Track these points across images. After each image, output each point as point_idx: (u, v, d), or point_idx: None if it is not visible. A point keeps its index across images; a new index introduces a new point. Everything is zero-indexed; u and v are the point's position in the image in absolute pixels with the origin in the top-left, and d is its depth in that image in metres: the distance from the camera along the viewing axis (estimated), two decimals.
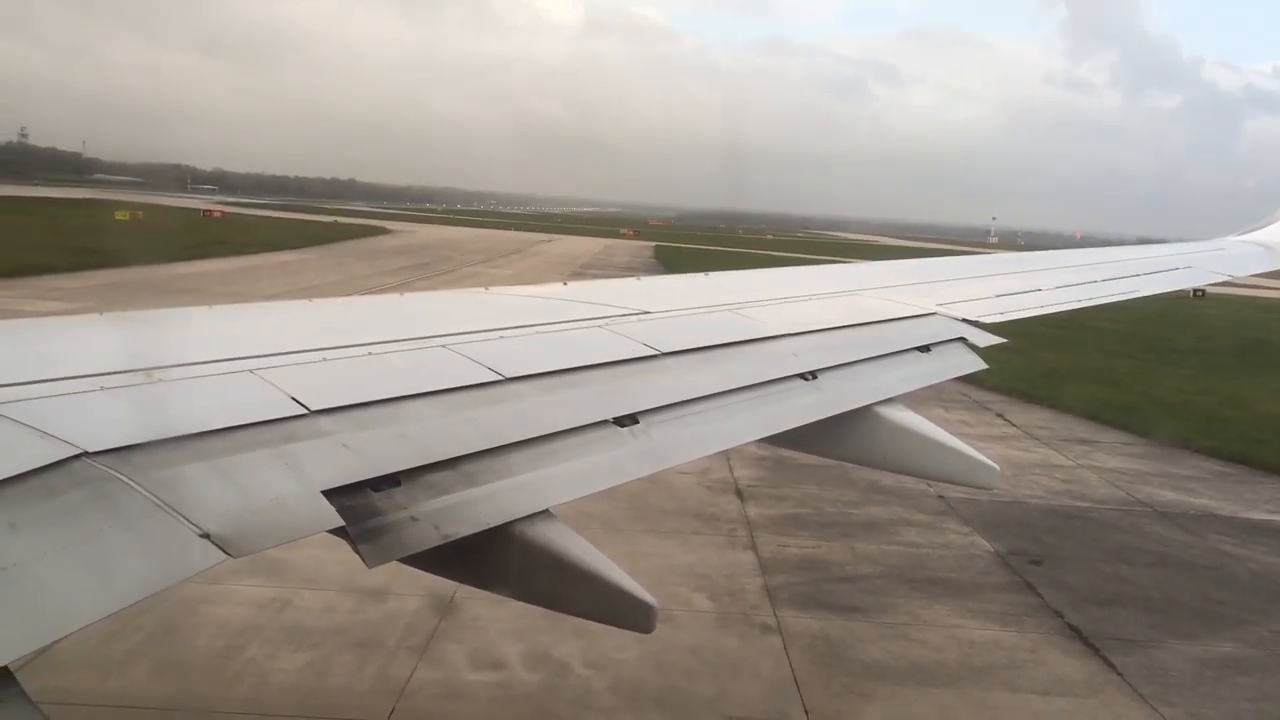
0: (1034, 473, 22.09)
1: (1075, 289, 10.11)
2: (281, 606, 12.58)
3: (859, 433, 6.02)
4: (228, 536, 3.02)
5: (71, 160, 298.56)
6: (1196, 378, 37.43)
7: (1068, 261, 12.47)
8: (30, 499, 2.81)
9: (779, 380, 5.73)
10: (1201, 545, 17.98)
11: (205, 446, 3.34)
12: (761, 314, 6.81)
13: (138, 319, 5.41)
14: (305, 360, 4.28)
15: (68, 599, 2.63)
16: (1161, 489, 21.57)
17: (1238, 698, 12.07)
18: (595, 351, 5.23)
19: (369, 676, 11.07)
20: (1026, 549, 17.04)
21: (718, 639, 12.67)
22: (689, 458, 4.90)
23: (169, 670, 10.93)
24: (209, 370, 3.96)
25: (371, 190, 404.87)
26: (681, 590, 13.94)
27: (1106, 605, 14.76)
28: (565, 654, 11.62)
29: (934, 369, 7.01)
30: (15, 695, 2.49)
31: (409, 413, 4.02)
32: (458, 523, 3.66)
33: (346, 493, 3.45)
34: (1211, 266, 12.76)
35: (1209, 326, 57.33)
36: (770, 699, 11.28)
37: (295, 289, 48.81)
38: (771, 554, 15.82)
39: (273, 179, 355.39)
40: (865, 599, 14.33)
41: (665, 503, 17.56)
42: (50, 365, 3.70)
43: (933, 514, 18.47)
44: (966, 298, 8.54)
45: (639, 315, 6.11)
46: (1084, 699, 11.76)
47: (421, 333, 4.96)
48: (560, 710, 10.65)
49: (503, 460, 4.03)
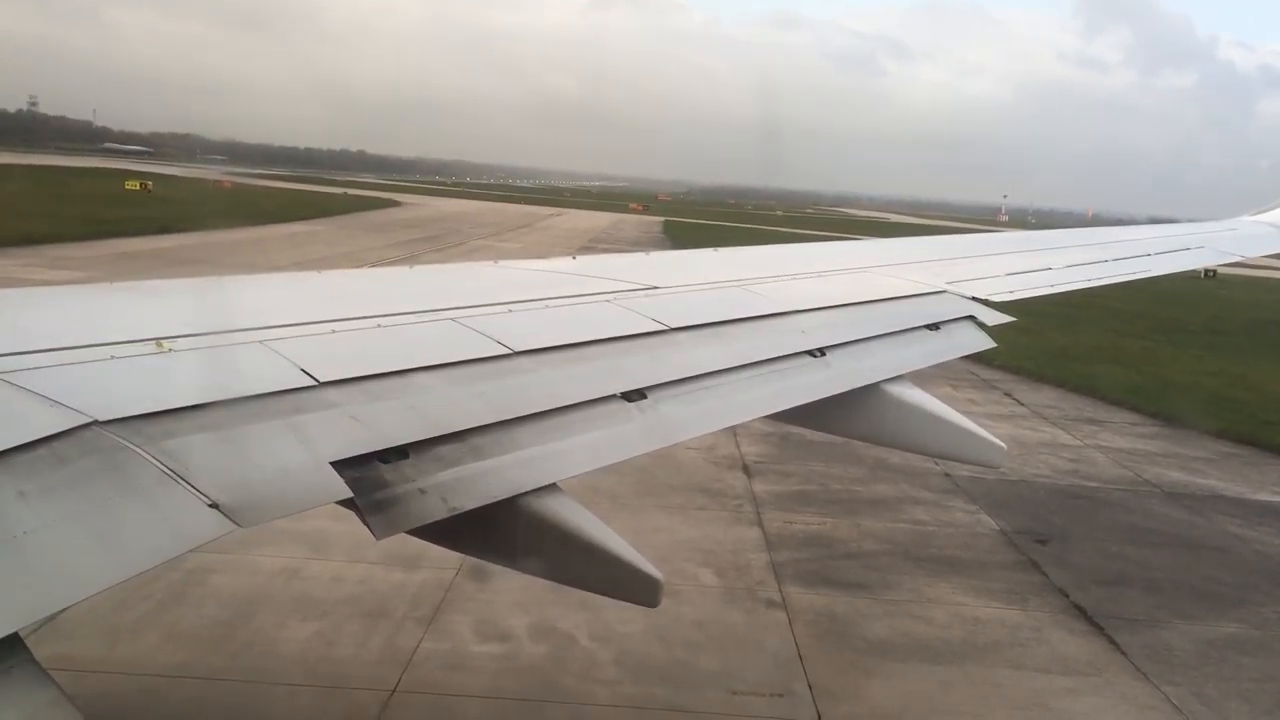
0: (1041, 452, 22.06)
1: (1085, 268, 10.06)
2: (290, 576, 12.65)
3: (867, 410, 6.01)
4: (236, 507, 3.03)
5: (81, 129, 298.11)
6: (1206, 358, 37.31)
7: (1078, 240, 12.41)
8: (40, 467, 2.82)
9: (787, 357, 5.73)
10: (1208, 526, 17.98)
11: (214, 417, 3.35)
12: (770, 290, 6.80)
13: (147, 289, 5.42)
14: (314, 332, 4.28)
15: (77, 567, 2.65)
16: (1169, 469, 21.54)
17: (1241, 678, 12.09)
18: (603, 326, 5.23)
19: (376, 647, 11.14)
20: (1033, 528, 17.04)
21: (723, 614, 12.71)
22: (696, 433, 4.91)
23: (177, 639, 11.01)
24: (218, 341, 3.97)
25: (381, 162, 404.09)
26: (687, 565, 13.99)
27: (1112, 585, 14.77)
28: (571, 627, 11.67)
29: (942, 347, 6.99)
30: (25, 662, 2.50)
31: (417, 385, 4.03)
32: (465, 495, 3.67)
33: (355, 464, 3.46)
34: (1223, 247, 12.68)
35: (1220, 307, 57.11)
36: (775, 674, 11.32)
37: (304, 260, 48.79)
38: (777, 530, 15.85)
39: (282, 150, 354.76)
40: (870, 576, 14.36)
41: (672, 478, 17.58)
42: (60, 335, 3.71)
43: (939, 492, 18.48)
44: (976, 276, 8.51)
45: (647, 290, 6.11)
46: (1088, 677, 11.79)
47: (430, 305, 4.96)
48: (565, 683, 10.71)
49: (510, 434, 4.04)
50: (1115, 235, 13.33)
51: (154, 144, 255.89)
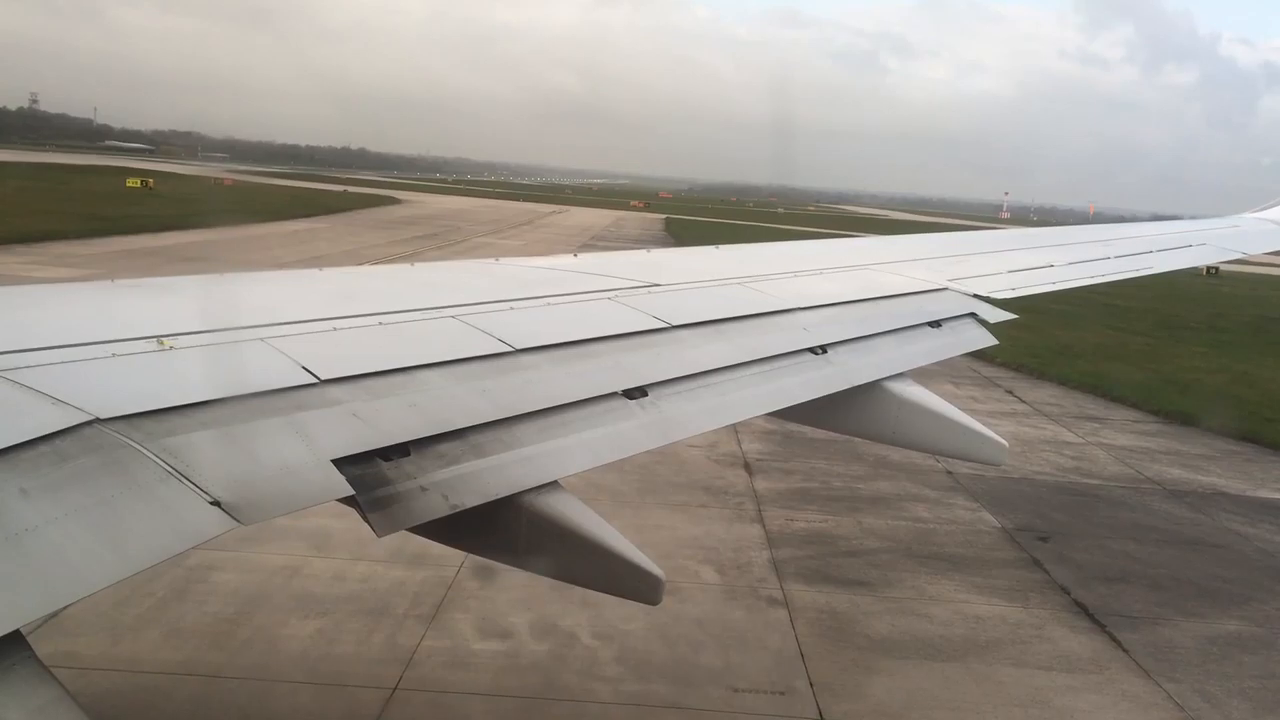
0: (1043, 449, 22.06)
1: (1087, 265, 10.05)
2: (292, 574, 12.66)
3: (868, 408, 6.01)
4: (238, 504, 3.03)
5: (83, 126, 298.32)
6: (1208, 355, 37.30)
7: (1080, 237, 12.40)
8: (42, 465, 2.82)
9: (789, 354, 5.72)
10: (1210, 523, 17.97)
11: (216, 414, 3.34)
12: (772, 287, 6.79)
13: (149, 287, 5.42)
14: (316, 329, 4.28)
15: (79, 564, 2.64)
16: (1171, 467, 21.53)
17: (1243, 675, 12.09)
18: (605, 323, 5.22)
19: (377, 644, 11.14)
20: (1034, 525, 17.04)
21: (724, 612, 12.71)
22: (697, 430, 4.90)
23: (179, 636, 11.02)
24: (220, 338, 3.97)
25: (382, 160, 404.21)
26: (689, 563, 13.99)
27: (1114, 582, 14.77)
28: (572, 624, 11.68)
29: (944, 344, 6.99)
30: (26, 659, 2.50)
31: (419, 383, 4.03)
32: (466, 493, 3.67)
33: (356, 462, 3.46)
34: (1225, 244, 12.68)
35: (1222, 304, 57.08)
36: (776, 672, 11.32)
37: (305, 258, 48.81)
38: (779, 528, 15.85)
39: (283, 148, 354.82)
40: (872, 573, 14.36)
41: (673, 475, 17.59)
42: (62, 332, 3.71)
43: (941, 489, 18.48)
44: (978, 273, 8.50)
45: (649, 288, 6.10)
46: (1090, 675, 11.78)
47: (432, 303, 4.96)
48: (567, 680, 10.71)
49: (512, 431, 4.04)
50: (1117, 232, 13.32)
51: (155, 141, 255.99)
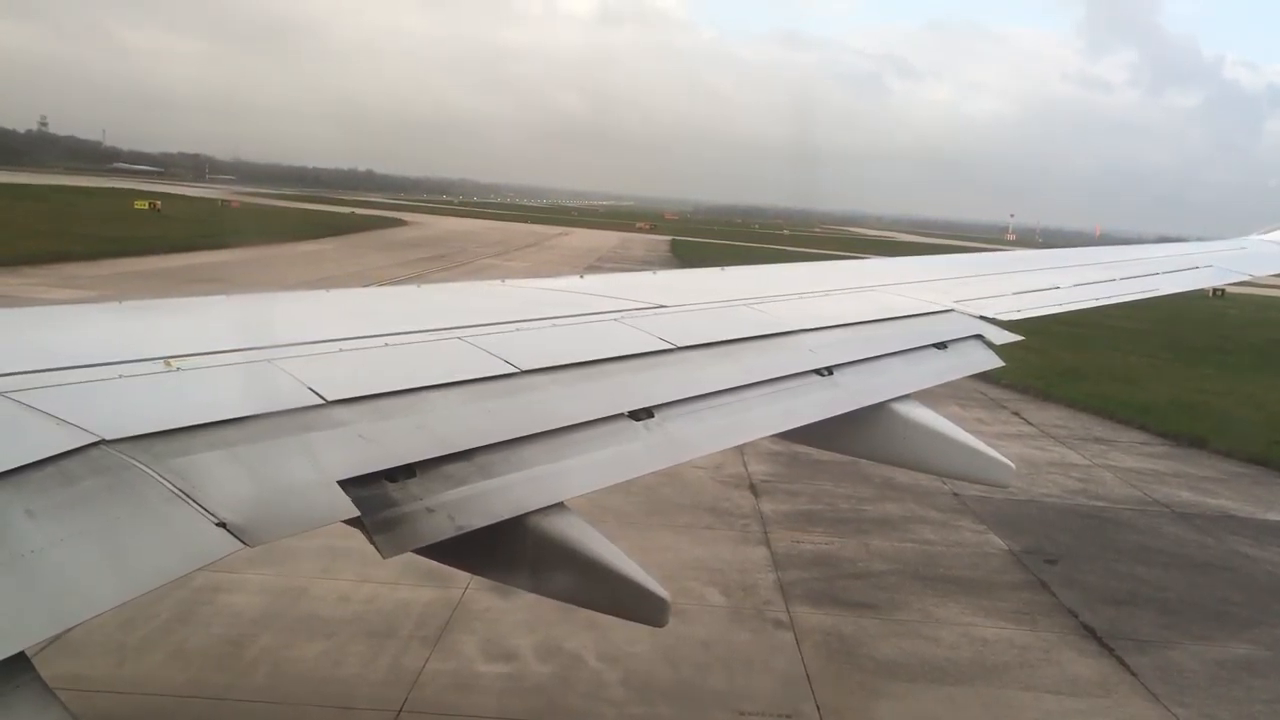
0: (1050, 471, 21.99)
1: (1093, 287, 10.04)
2: (297, 595, 12.63)
3: (874, 429, 5.99)
4: (244, 525, 3.03)
5: (91, 149, 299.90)
6: (1215, 378, 37.20)
7: (1086, 259, 12.39)
8: (48, 486, 2.82)
9: (795, 375, 5.71)
10: (1218, 546, 17.88)
11: (222, 436, 3.34)
12: (778, 309, 6.80)
13: (155, 308, 5.43)
14: (322, 350, 4.29)
15: (84, 585, 2.64)
16: (1178, 489, 21.45)
17: (1252, 699, 12.00)
18: (611, 344, 5.22)
19: (382, 666, 11.11)
20: (1041, 548, 16.97)
21: (730, 634, 12.66)
22: (703, 452, 4.89)
23: (184, 658, 10.99)
24: (226, 360, 3.97)
25: (388, 181, 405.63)
26: (694, 585, 13.95)
27: (1121, 605, 14.69)
28: (577, 646, 11.63)
29: (950, 366, 6.98)
30: (31, 681, 2.50)
31: (425, 404, 4.02)
32: (472, 514, 3.66)
33: (362, 483, 3.45)
34: (1232, 265, 12.66)
35: (1228, 326, 56.97)
36: (783, 695, 11.27)
37: (312, 279, 48.93)
38: (785, 550, 15.80)
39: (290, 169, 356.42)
40: (878, 596, 14.30)
41: (679, 497, 17.55)
42: (69, 353, 3.72)
43: (947, 511, 18.42)
44: (984, 295, 8.50)
45: (655, 309, 6.11)
46: (1098, 699, 11.71)
47: (438, 324, 4.96)
48: (572, 703, 10.66)
49: (518, 452, 4.03)
50: (1123, 254, 13.32)
51: (163, 163, 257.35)
